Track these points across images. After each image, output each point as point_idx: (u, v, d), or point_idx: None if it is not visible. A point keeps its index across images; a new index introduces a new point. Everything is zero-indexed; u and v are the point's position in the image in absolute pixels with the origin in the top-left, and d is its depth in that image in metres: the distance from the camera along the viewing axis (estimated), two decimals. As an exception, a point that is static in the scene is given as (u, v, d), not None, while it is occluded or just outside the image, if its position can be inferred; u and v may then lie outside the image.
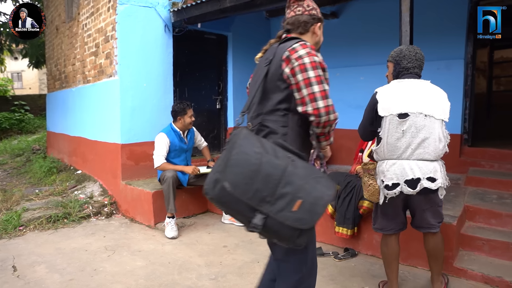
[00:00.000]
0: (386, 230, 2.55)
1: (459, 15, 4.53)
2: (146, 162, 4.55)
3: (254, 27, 5.92)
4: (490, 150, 4.46)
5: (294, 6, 1.88)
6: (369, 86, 5.21)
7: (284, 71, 1.68)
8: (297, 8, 1.87)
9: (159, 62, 4.58)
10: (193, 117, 3.97)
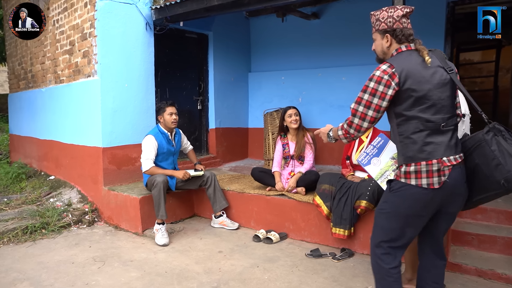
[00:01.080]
0: None
1: (438, 18, 4.67)
2: (128, 166, 4.32)
3: (234, 27, 5.82)
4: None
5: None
6: (351, 87, 5.30)
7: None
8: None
9: (141, 62, 4.37)
10: (175, 115, 3.81)
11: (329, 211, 3.41)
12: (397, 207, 1.92)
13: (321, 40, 5.48)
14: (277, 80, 5.93)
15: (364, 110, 1.87)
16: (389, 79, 1.82)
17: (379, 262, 1.99)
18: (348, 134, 1.97)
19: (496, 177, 1.80)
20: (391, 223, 1.95)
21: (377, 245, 2.00)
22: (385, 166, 2.33)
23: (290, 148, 4.00)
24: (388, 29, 1.94)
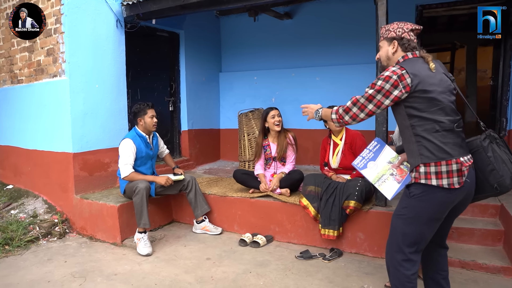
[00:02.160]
0: None
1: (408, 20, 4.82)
2: (101, 172, 4.04)
3: (205, 26, 5.66)
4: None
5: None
6: (324, 87, 5.36)
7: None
8: None
9: (112, 61, 4.09)
10: (156, 118, 3.63)
11: (317, 212, 3.40)
12: (419, 212, 1.93)
13: (294, 40, 5.49)
14: (249, 80, 5.86)
15: (365, 102, 1.96)
16: (397, 80, 1.87)
17: (399, 269, 1.99)
18: (341, 119, 2.07)
19: (490, 181, 1.93)
20: (412, 228, 1.96)
21: (398, 251, 1.99)
22: (382, 170, 2.31)
23: (272, 149, 3.94)
24: (396, 37, 2.04)
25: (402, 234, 1.99)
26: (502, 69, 4.49)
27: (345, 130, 3.60)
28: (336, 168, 3.62)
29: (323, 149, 3.77)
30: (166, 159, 4.06)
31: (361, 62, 5.07)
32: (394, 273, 2.02)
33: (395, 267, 2.01)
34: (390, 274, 2.06)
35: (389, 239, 2.07)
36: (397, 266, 1.99)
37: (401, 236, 1.99)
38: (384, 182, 2.29)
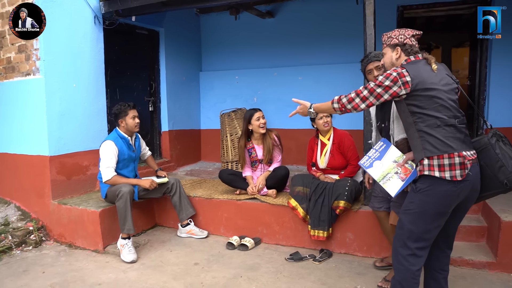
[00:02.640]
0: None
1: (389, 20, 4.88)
2: (79, 176, 3.83)
3: (184, 24, 5.52)
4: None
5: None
6: (307, 86, 5.34)
7: None
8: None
9: (90, 59, 3.90)
10: (138, 119, 3.48)
11: (306, 213, 3.36)
12: (425, 206, 1.98)
13: (276, 39, 5.44)
14: (230, 79, 5.76)
15: (367, 94, 2.06)
16: (396, 76, 1.98)
17: (404, 264, 2.03)
18: (344, 108, 2.15)
19: (499, 178, 1.97)
20: (419, 223, 2.00)
21: (403, 246, 2.04)
22: (387, 168, 2.37)
23: (258, 152, 3.83)
24: (399, 43, 2.13)
25: (408, 229, 2.03)
26: (479, 70, 4.63)
27: (333, 130, 3.58)
28: (324, 168, 3.58)
29: (310, 149, 3.73)
30: (149, 161, 3.91)
31: (344, 62, 5.09)
32: (399, 268, 2.06)
33: (400, 262, 2.05)
34: (395, 269, 2.09)
35: (395, 236, 2.12)
36: (402, 261, 2.03)
37: (408, 231, 2.03)
38: (388, 180, 2.35)
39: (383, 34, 2.25)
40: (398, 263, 2.07)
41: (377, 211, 2.89)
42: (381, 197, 2.83)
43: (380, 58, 2.70)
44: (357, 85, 5.98)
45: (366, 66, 2.77)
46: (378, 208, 2.87)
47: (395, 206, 2.68)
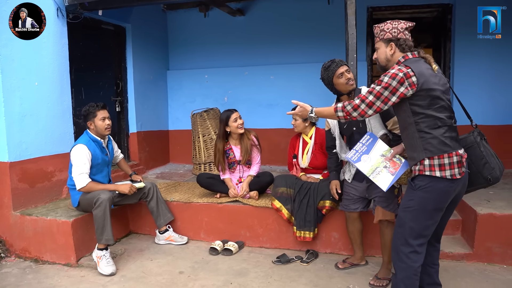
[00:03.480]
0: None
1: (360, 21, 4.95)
2: (44, 183, 3.48)
3: (151, 20, 5.25)
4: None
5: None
6: (279, 85, 5.29)
7: None
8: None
9: (53, 55, 3.55)
10: (108, 120, 3.22)
11: (290, 214, 3.29)
12: (424, 203, 2.00)
13: (247, 38, 5.33)
14: (199, 78, 5.57)
15: (373, 99, 1.99)
16: (403, 77, 1.93)
17: (406, 261, 2.03)
18: (349, 116, 2.08)
19: (484, 174, 2.06)
20: (420, 220, 2.02)
21: (404, 243, 2.04)
22: (376, 163, 2.37)
23: (235, 153, 3.70)
24: (393, 38, 2.08)
25: (409, 226, 2.04)
26: (443, 70, 4.83)
27: (314, 129, 3.54)
28: (306, 167, 3.54)
29: (292, 147, 3.68)
30: (121, 164, 3.64)
31: (316, 61, 5.06)
32: (401, 266, 2.06)
33: (402, 260, 2.05)
34: (397, 267, 2.09)
35: (395, 234, 2.12)
36: (404, 259, 2.04)
37: (409, 228, 2.04)
38: (378, 175, 2.36)
39: (374, 26, 2.20)
40: (400, 262, 2.07)
41: (351, 212, 2.89)
42: (357, 198, 2.85)
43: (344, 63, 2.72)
44: None
45: (336, 70, 2.66)
46: (354, 209, 2.87)
47: (381, 201, 2.70)
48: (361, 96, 2.03)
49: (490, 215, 3.03)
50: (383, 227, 2.73)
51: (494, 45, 4.37)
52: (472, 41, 4.29)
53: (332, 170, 3.04)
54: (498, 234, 3.01)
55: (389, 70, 1.98)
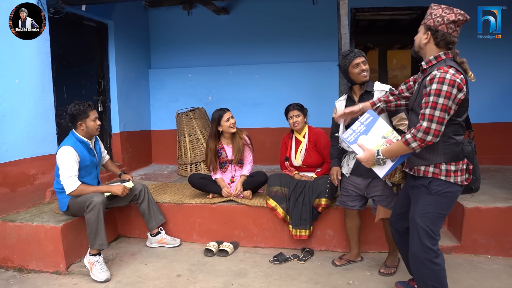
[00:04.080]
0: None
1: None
2: (26, 187, 3.26)
3: (133, 18, 5.07)
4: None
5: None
6: (264, 85, 5.26)
7: None
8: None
9: (34, 51, 3.33)
10: (99, 120, 3.06)
11: (286, 213, 3.27)
12: (442, 207, 2.00)
13: (231, 37, 5.27)
14: (183, 77, 5.45)
15: (442, 114, 1.81)
16: (460, 83, 1.82)
17: (434, 267, 2.00)
18: (424, 142, 1.87)
19: (470, 184, 2.08)
20: (437, 224, 2.03)
21: (427, 251, 2.00)
22: (375, 145, 2.09)
23: (227, 152, 3.63)
24: (432, 28, 1.93)
25: (428, 232, 2.00)
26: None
27: (308, 128, 3.54)
28: (299, 166, 3.53)
29: (284, 146, 3.65)
30: (108, 165, 3.48)
31: (301, 60, 5.13)
32: (430, 273, 2.01)
33: (429, 267, 2.00)
34: (424, 275, 2.03)
35: (416, 242, 2.04)
36: (431, 265, 2.00)
37: (427, 235, 2.00)
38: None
39: (430, 5, 2.00)
40: (427, 269, 2.01)
41: (350, 209, 2.91)
42: (355, 195, 2.85)
43: (362, 54, 2.67)
44: (313, 84, 6.11)
45: (353, 60, 2.62)
46: (352, 206, 2.88)
47: (381, 200, 2.72)
48: (425, 116, 1.84)
49: (476, 209, 3.13)
50: (386, 225, 2.75)
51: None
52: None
53: (334, 157, 2.98)
54: (483, 226, 3.12)
55: (442, 75, 1.81)
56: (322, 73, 5.02)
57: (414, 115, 2.05)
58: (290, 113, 3.45)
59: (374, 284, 2.69)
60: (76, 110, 2.94)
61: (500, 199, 3.29)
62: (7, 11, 3.08)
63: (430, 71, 1.91)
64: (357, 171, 2.76)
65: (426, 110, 1.84)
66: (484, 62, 3.36)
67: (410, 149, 1.92)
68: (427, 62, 1.99)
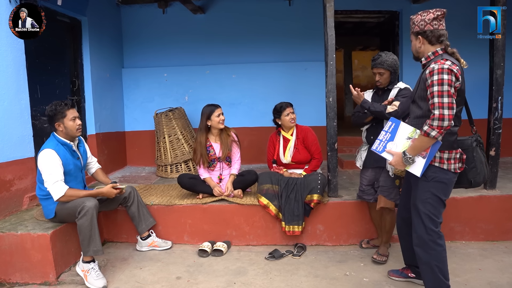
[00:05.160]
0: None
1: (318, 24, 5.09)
2: (2, 194, 2.98)
3: (106, 14, 4.83)
4: (346, 138, 5.32)
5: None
6: (241, 84, 5.24)
7: None
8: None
9: (7, 47, 3.05)
10: (79, 120, 2.85)
11: (278, 210, 3.28)
12: (439, 192, 2.12)
13: (208, 36, 5.18)
14: (158, 77, 5.27)
15: (449, 99, 1.92)
16: (457, 72, 1.97)
17: (436, 248, 2.12)
18: (442, 128, 1.94)
19: (468, 176, 2.23)
20: (437, 207, 2.14)
21: (430, 233, 2.12)
22: (403, 147, 2.17)
23: (215, 150, 3.57)
24: (420, 31, 2.12)
25: (430, 216, 2.13)
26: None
27: (296, 126, 3.57)
28: (288, 163, 3.55)
29: (272, 145, 3.65)
30: (98, 175, 3.18)
31: (278, 60, 5.16)
32: (432, 254, 2.13)
33: (432, 248, 2.13)
34: (430, 256, 2.14)
35: (419, 226, 2.16)
36: (435, 246, 2.13)
37: (430, 219, 2.13)
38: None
39: (410, 18, 2.20)
40: (431, 250, 2.13)
41: (368, 202, 3.08)
42: (367, 188, 3.02)
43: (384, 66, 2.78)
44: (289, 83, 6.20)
45: (372, 68, 2.87)
46: (368, 200, 3.05)
47: (383, 191, 2.85)
48: (435, 105, 1.94)
49: (453, 199, 3.33)
50: (385, 214, 2.90)
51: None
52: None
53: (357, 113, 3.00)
54: (459, 215, 3.33)
55: (440, 66, 1.94)
56: (299, 72, 5.10)
57: (415, 106, 2.18)
58: (287, 110, 3.47)
59: (369, 274, 2.78)
60: (52, 110, 2.73)
61: (471, 189, 3.52)
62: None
63: (429, 65, 2.05)
64: (368, 163, 2.95)
65: (434, 100, 1.94)
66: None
67: (432, 139, 1.99)
68: (426, 58, 2.15)
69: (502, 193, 3.38)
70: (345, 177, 4.29)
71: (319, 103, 5.16)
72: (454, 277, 2.69)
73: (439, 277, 2.14)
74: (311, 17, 5.00)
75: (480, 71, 3.93)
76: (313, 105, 4.95)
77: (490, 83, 3.40)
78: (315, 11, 5.07)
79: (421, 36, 2.11)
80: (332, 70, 3.35)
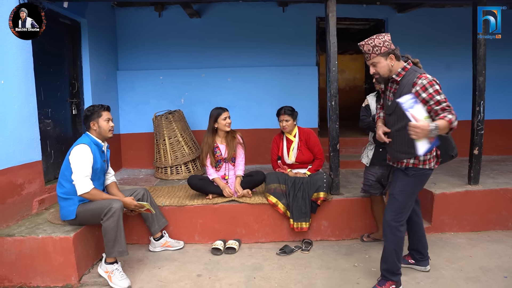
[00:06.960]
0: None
1: (310, 31, 5.28)
2: (14, 198, 2.89)
3: (103, 16, 4.73)
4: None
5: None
6: (236, 87, 5.33)
7: None
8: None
9: (17, 49, 2.96)
10: (112, 122, 2.91)
11: (286, 208, 3.39)
12: (415, 186, 2.41)
13: (203, 40, 5.20)
14: (154, 80, 5.23)
15: (448, 103, 2.15)
16: (438, 82, 2.21)
17: (397, 234, 2.40)
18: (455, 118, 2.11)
19: (449, 152, 2.57)
20: (409, 200, 2.41)
21: (396, 220, 2.39)
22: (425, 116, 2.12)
23: (222, 150, 3.64)
24: (390, 51, 2.25)
25: (402, 205, 2.39)
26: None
27: (297, 128, 3.69)
28: (292, 163, 3.67)
29: (276, 146, 3.76)
30: (112, 189, 3.02)
31: (272, 65, 5.28)
32: (393, 238, 2.41)
33: (394, 233, 2.40)
34: (390, 240, 2.42)
35: (390, 213, 2.42)
36: (396, 232, 2.40)
37: (401, 207, 2.39)
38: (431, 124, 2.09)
39: (361, 44, 2.28)
40: (392, 235, 2.41)
41: (374, 195, 3.24)
42: (374, 184, 3.17)
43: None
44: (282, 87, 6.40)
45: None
46: (375, 193, 3.20)
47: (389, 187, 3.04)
48: (444, 108, 2.11)
49: (443, 194, 3.59)
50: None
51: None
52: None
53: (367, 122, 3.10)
54: (448, 208, 3.59)
55: (428, 79, 2.16)
56: (292, 76, 5.24)
57: (393, 118, 2.38)
58: (280, 117, 3.61)
59: (375, 264, 2.93)
60: (90, 110, 2.85)
61: (456, 185, 3.79)
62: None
63: (408, 81, 2.23)
64: (376, 161, 3.10)
65: (441, 105, 2.12)
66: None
67: (448, 128, 2.07)
68: (397, 74, 2.29)
69: (484, 188, 3.67)
70: (340, 176, 4.45)
71: (310, 106, 5.35)
72: (450, 264, 2.93)
73: (395, 261, 2.43)
74: (304, 23, 5.16)
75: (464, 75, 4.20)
76: (305, 108, 5.10)
77: (473, 88, 3.68)
78: (307, 18, 5.26)
79: (392, 54, 2.24)
80: (335, 76, 3.50)
